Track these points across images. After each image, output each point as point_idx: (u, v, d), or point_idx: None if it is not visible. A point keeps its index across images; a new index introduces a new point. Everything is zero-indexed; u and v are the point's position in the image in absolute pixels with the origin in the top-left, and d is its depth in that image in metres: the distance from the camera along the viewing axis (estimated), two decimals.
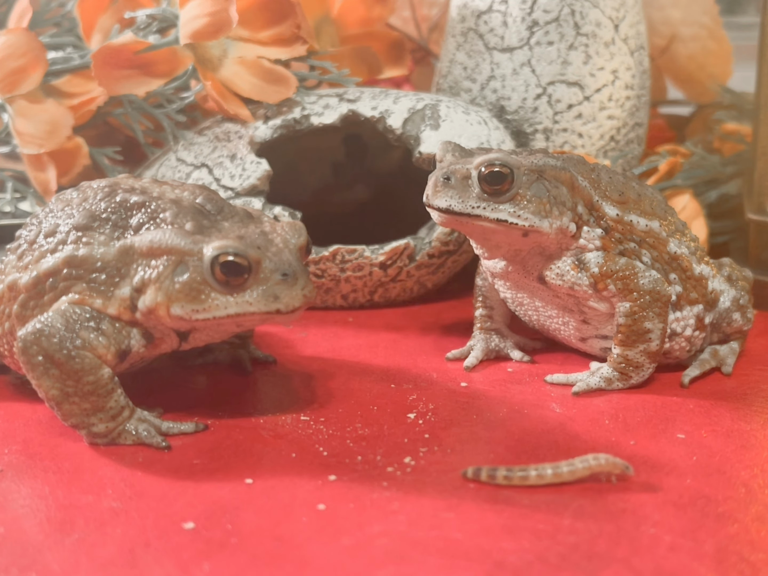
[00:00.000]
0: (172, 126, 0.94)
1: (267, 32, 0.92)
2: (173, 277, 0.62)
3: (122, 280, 0.64)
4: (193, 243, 0.62)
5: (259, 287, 0.62)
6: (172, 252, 0.62)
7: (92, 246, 0.65)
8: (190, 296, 0.62)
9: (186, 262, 0.62)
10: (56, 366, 0.62)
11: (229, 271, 0.61)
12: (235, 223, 0.65)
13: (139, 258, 0.64)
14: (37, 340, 0.62)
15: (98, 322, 0.63)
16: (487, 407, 0.70)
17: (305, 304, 0.63)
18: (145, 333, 0.65)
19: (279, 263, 0.62)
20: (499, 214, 0.69)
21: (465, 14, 1.02)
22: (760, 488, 0.58)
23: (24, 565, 0.50)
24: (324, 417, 0.68)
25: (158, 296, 0.62)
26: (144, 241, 0.63)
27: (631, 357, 0.72)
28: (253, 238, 0.62)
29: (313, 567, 0.49)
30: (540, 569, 0.49)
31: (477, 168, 0.69)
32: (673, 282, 0.75)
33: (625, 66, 1.00)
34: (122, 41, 0.88)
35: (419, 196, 0.74)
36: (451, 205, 0.70)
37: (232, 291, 0.61)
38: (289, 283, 0.62)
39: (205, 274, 0.61)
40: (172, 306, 0.62)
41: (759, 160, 0.96)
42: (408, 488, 0.58)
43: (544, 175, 0.71)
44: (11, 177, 0.99)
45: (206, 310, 0.62)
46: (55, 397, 0.62)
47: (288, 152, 1.04)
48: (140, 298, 0.63)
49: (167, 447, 0.63)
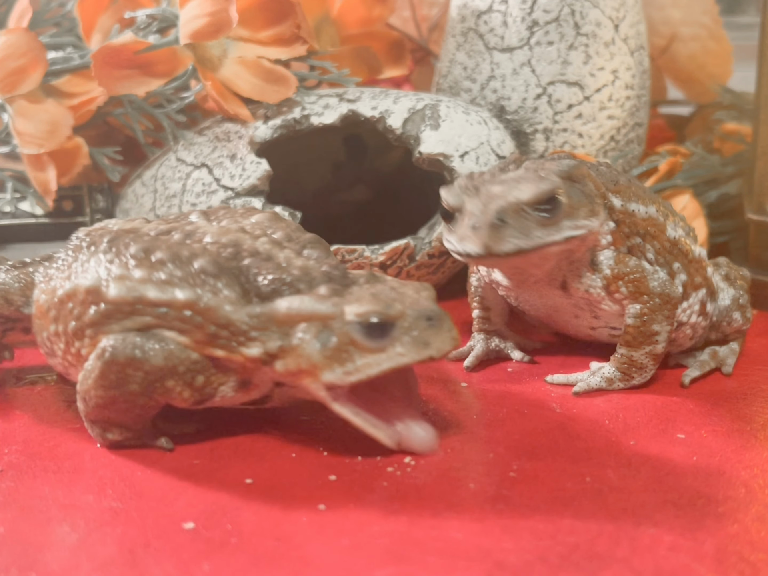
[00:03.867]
0: (172, 126, 0.94)
1: (267, 32, 0.92)
2: (317, 343, 0.59)
3: (251, 342, 0.61)
4: (333, 306, 0.60)
5: (407, 337, 0.59)
6: (313, 318, 0.60)
7: (219, 299, 0.61)
8: (340, 360, 0.59)
9: (329, 327, 0.59)
10: (122, 391, 0.60)
11: (375, 333, 0.59)
12: (363, 285, 0.62)
13: (273, 324, 0.60)
14: (126, 363, 0.59)
15: (194, 375, 0.61)
16: (487, 407, 0.70)
17: (455, 347, 0.61)
18: (244, 382, 0.62)
19: (422, 310, 0.60)
20: (564, 233, 0.68)
21: (465, 14, 1.02)
22: (760, 488, 0.58)
23: (24, 565, 0.50)
24: (324, 417, 0.68)
25: (302, 362, 0.59)
26: (280, 309, 0.60)
27: (636, 358, 0.72)
28: (387, 294, 0.60)
29: (313, 567, 0.49)
30: (540, 569, 0.49)
31: (531, 204, 0.66)
32: (677, 271, 0.75)
33: (625, 66, 1.00)
34: (122, 41, 0.88)
35: (419, 196, 0.73)
36: (519, 246, 0.66)
37: (382, 347, 0.59)
38: (435, 327, 0.60)
39: (354, 337, 0.59)
40: (322, 373, 0.59)
41: (759, 160, 0.96)
42: (408, 488, 0.58)
43: (573, 177, 0.70)
44: (11, 177, 0.99)
45: (359, 370, 0.59)
46: (96, 404, 0.61)
47: (288, 152, 1.04)
48: (278, 362, 0.60)
49: (170, 448, 0.63)
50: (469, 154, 0.92)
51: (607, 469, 0.60)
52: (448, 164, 0.91)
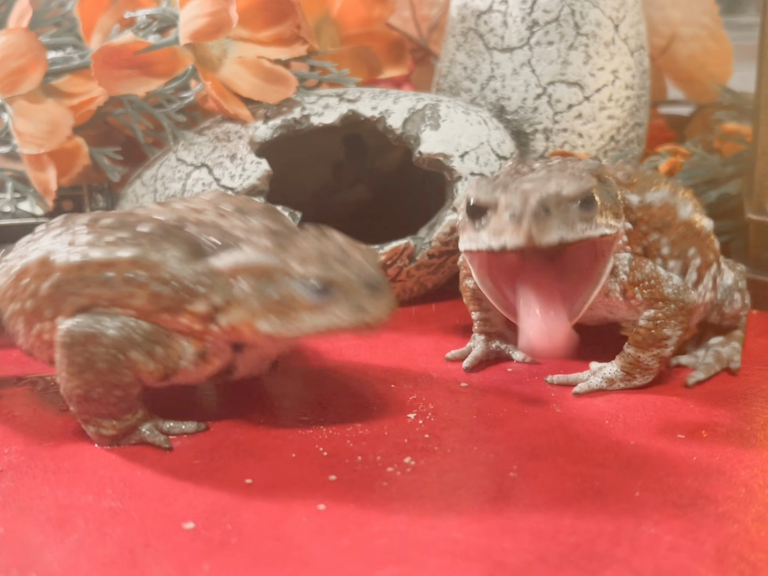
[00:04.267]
0: (172, 126, 0.94)
1: (267, 32, 0.92)
2: (260, 294, 0.61)
3: (195, 299, 0.62)
4: (278, 258, 0.61)
5: (347, 302, 0.60)
6: (258, 269, 0.61)
7: (166, 257, 0.62)
8: (278, 312, 0.61)
9: (273, 279, 0.61)
10: (92, 372, 0.61)
11: (315, 290, 0.60)
12: (312, 240, 0.63)
13: (219, 278, 0.62)
14: (86, 341, 0.61)
15: (153, 344, 0.62)
16: (487, 407, 0.70)
17: (391, 315, 0.62)
18: (201, 351, 0.63)
19: (365, 277, 0.61)
20: (600, 229, 0.67)
21: (465, 14, 1.02)
22: (760, 488, 0.58)
23: (24, 565, 0.50)
24: (324, 417, 0.68)
25: (243, 314, 0.61)
26: (226, 262, 0.61)
27: (643, 359, 0.72)
28: (333, 253, 0.61)
29: (313, 567, 0.49)
30: (540, 569, 0.49)
31: (573, 200, 0.65)
32: (692, 257, 0.75)
33: (625, 66, 1.00)
34: (122, 41, 0.88)
35: (419, 196, 0.73)
36: (563, 236, 0.64)
37: (322, 307, 0.60)
38: (375, 295, 0.61)
39: (295, 292, 0.60)
40: (259, 322, 0.61)
41: (759, 160, 0.96)
42: (408, 488, 0.58)
43: (600, 177, 0.70)
44: (11, 177, 0.99)
45: (294, 325, 0.61)
46: (78, 395, 0.62)
47: (288, 152, 1.04)
48: (221, 316, 0.62)
49: (170, 447, 0.63)
50: (469, 154, 0.92)
51: (607, 469, 0.60)
52: (448, 164, 0.91)
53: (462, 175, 0.91)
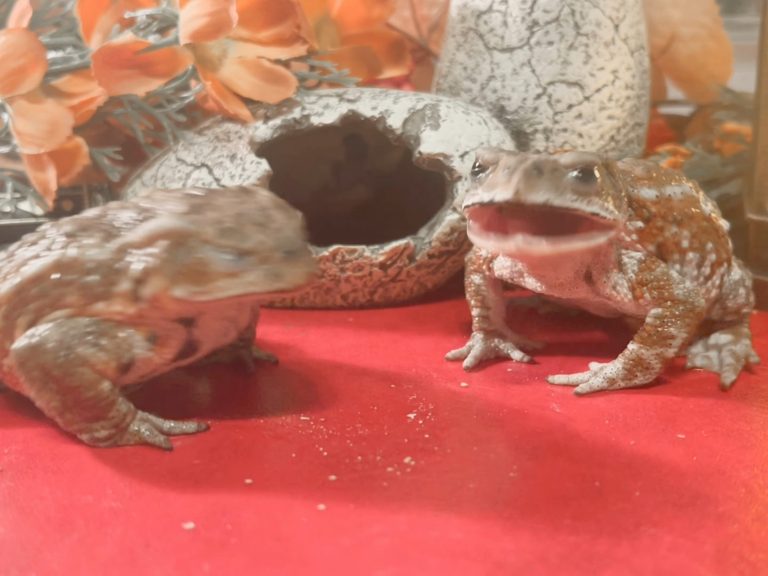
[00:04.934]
0: (172, 126, 0.94)
1: (267, 32, 0.92)
2: (174, 260, 0.61)
3: (119, 276, 0.62)
4: (192, 223, 0.61)
5: (262, 267, 0.60)
6: (171, 235, 0.61)
7: (83, 248, 0.63)
8: (192, 278, 0.60)
9: (186, 244, 0.61)
10: (54, 381, 0.61)
11: (229, 256, 0.60)
12: (231, 199, 0.63)
13: (135, 250, 0.62)
14: (33, 354, 0.61)
15: (97, 337, 0.62)
16: (487, 407, 0.70)
17: (309, 282, 0.61)
18: (150, 336, 0.64)
19: (281, 241, 0.60)
20: (593, 207, 0.67)
21: (465, 14, 1.02)
22: (760, 488, 0.58)
23: (24, 565, 0.50)
24: (324, 417, 0.68)
25: (161, 281, 0.61)
26: (140, 233, 0.62)
27: (645, 357, 0.72)
28: (251, 216, 0.61)
29: (313, 567, 0.49)
30: (540, 569, 0.49)
31: (569, 168, 0.66)
32: (709, 252, 0.77)
33: (625, 66, 1.00)
34: (122, 41, 0.88)
35: (419, 196, 0.73)
36: (549, 199, 0.65)
37: (235, 272, 0.60)
38: (291, 261, 0.61)
39: (207, 256, 0.60)
40: (174, 288, 0.61)
41: (759, 160, 0.96)
42: (408, 488, 0.58)
43: (609, 167, 0.70)
44: (11, 177, 0.99)
45: (209, 292, 0.60)
46: (56, 407, 0.62)
47: (288, 152, 1.04)
48: (142, 288, 0.62)
49: (169, 447, 0.63)
50: (469, 154, 0.92)
51: (607, 469, 0.60)
52: (448, 164, 0.91)
53: (462, 175, 0.91)
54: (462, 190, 0.91)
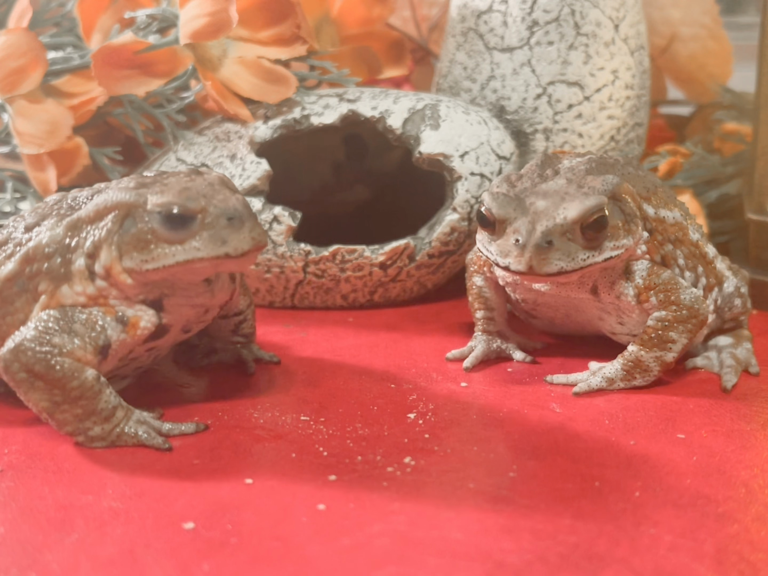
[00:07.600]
0: (172, 126, 0.94)
1: (267, 32, 0.92)
2: (122, 231, 0.63)
3: (74, 254, 0.65)
4: (138, 195, 0.63)
5: (206, 233, 0.62)
6: (118, 207, 0.63)
7: (40, 236, 0.66)
8: (139, 247, 0.63)
9: (133, 215, 0.63)
10: (39, 378, 0.62)
11: (174, 224, 0.62)
12: (181, 178, 0.65)
13: (86, 225, 0.65)
14: (15, 356, 0.62)
15: (68, 323, 0.63)
16: (487, 407, 0.70)
17: (255, 247, 0.63)
18: (119, 317, 0.65)
19: (225, 209, 0.62)
20: (605, 254, 0.68)
21: (465, 14, 1.02)
22: (760, 488, 0.58)
23: (24, 565, 0.50)
24: (324, 417, 0.68)
25: (111, 253, 0.63)
26: (89, 208, 0.65)
27: (644, 359, 0.72)
28: (198, 189, 0.63)
29: (313, 567, 0.49)
30: (540, 569, 0.49)
31: (577, 222, 0.67)
32: (701, 275, 0.77)
33: (625, 66, 1.00)
34: (122, 41, 0.88)
35: (419, 196, 0.73)
36: (562, 267, 0.67)
37: (180, 239, 0.62)
38: (235, 226, 0.62)
39: (152, 225, 0.62)
40: (123, 259, 0.63)
41: (759, 160, 0.96)
42: (408, 488, 0.58)
43: (616, 196, 0.70)
44: (11, 177, 0.99)
45: (155, 259, 0.62)
46: (46, 408, 0.62)
47: (288, 152, 1.04)
48: (96, 264, 0.64)
49: (168, 448, 0.63)
50: (469, 154, 0.92)
51: (607, 469, 0.60)
52: (448, 164, 0.91)
53: (462, 175, 0.91)
54: (462, 190, 0.91)
